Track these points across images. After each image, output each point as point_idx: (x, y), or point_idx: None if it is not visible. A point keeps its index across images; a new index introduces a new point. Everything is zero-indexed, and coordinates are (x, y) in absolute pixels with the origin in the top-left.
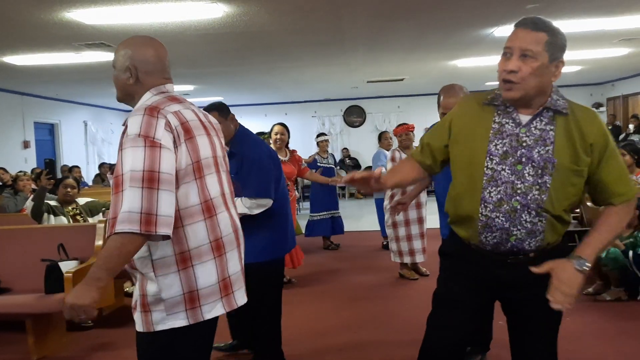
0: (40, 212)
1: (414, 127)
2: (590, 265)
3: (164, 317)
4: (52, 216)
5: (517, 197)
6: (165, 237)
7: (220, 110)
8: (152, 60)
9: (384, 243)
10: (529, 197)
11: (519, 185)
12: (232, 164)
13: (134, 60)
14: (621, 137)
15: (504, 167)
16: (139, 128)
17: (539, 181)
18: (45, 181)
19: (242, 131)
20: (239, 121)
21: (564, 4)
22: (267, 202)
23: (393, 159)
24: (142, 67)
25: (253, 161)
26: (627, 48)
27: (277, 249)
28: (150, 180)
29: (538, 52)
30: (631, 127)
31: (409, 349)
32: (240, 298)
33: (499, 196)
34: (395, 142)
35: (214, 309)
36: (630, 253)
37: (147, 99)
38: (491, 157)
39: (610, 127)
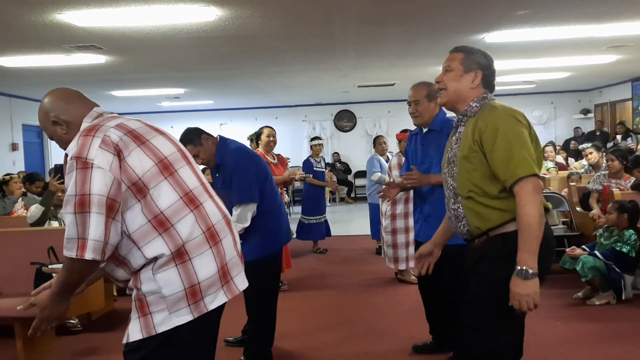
0: (47, 217)
1: None
2: (533, 271)
3: (166, 316)
4: (50, 221)
5: (447, 188)
6: (96, 262)
7: (191, 141)
8: (60, 103)
9: (378, 246)
10: (449, 185)
11: (447, 179)
12: (220, 176)
13: (51, 113)
14: (609, 144)
15: (445, 168)
16: (73, 151)
17: (453, 172)
18: (54, 186)
19: (221, 141)
20: (227, 124)
21: (554, 10)
22: (252, 206)
23: (400, 166)
24: (61, 112)
25: (231, 168)
26: (615, 55)
27: (268, 246)
28: (82, 204)
29: (454, 66)
30: (619, 137)
31: (397, 352)
32: (241, 283)
33: (447, 191)
34: (391, 147)
35: (216, 299)
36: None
37: (85, 126)
38: (445, 163)
39: (598, 134)
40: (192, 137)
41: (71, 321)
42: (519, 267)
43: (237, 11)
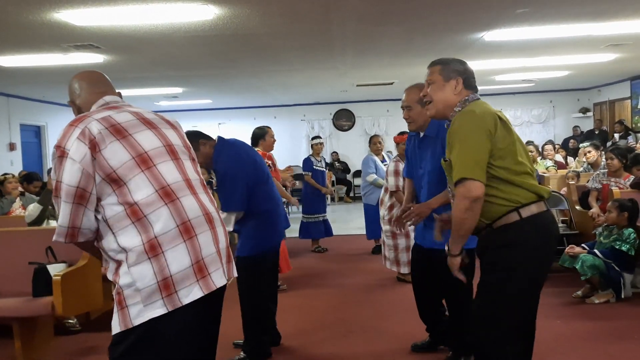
0: (45, 216)
1: None
2: (452, 253)
3: (141, 309)
4: (48, 220)
5: None
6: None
7: None
8: (77, 86)
9: (375, 246)
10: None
11: None
12: (216, 179)
13: (71, 97)
14: (609, 143)
15: None
16: (57, 138)
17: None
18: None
19: (219, 144)
20: (226, 123)
21: (552, 8)
22: (238, 214)
23: (397, 173)
24: (74, 97)
25: (220, 175)
26: (614, 53)
27: (257, 245)
28: (56, 189)
29: (435, 78)
30: (617, 136)
31: (396, 351)
32: (219, 279)
33: None
34: (388, 147)
35: (191, 293)
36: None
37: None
38: None
39: (597, 132)
40: (190, 140)
41: (70, 321)
42: (447, 247)
43: (236, 10)
